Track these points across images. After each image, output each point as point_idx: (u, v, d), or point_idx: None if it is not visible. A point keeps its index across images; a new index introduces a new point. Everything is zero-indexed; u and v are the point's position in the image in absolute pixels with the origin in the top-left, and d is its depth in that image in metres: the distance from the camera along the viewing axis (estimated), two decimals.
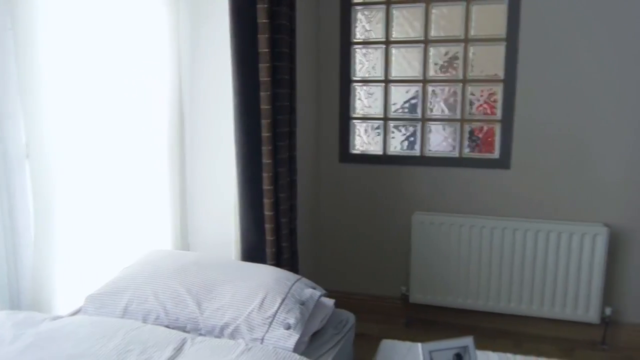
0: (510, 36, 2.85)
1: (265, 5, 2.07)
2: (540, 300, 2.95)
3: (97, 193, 1.91)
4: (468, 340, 1.61)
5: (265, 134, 2.15)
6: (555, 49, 2.81)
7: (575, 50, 2.78)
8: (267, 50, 2.10)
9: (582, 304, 2.89)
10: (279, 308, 1.72)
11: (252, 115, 2.15)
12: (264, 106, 2.13)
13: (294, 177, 2.43)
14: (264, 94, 2.12)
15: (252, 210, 2.20)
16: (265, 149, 2.16)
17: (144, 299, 1.76)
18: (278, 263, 2.29)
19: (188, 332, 1.69)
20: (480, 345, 2.22)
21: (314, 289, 1.97)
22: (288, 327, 1.69)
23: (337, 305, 2.09)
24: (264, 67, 2.11)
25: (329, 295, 2.07)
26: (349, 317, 2.08)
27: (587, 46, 2.76)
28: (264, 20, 2.08)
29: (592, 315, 2.88)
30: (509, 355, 2.01)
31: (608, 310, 2.88)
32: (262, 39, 2.10)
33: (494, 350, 2.06)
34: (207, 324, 1.71)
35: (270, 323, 1.69)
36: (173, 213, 2.33)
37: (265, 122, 2.14)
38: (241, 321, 1.69)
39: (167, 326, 1.70)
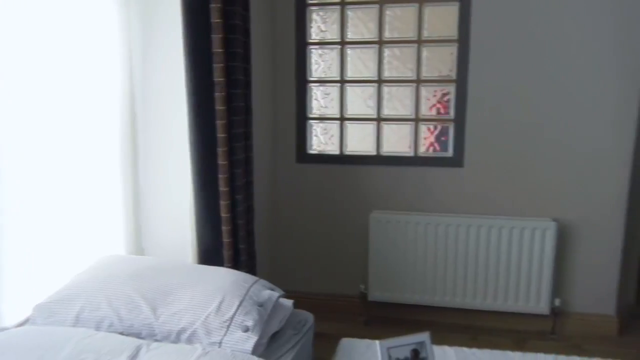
0: (462, 37, 2.92)
1: (219, 5, 2.04)
2: (494, 294, 3.03)
3: (45, 196, 1.84)
4: (424, 336, 1.64)
5: (220, 135, 2.12)
6: (505, 50, 2.89)
7: (524, 51, 2.87)
8: (221, 50, 2.08)
9: (533, 296, 2.99)
10: (236, 311, 1.71)
11: (206, 116, 2.12)
12: (219, 107, 2.11)
13: (251, 178, 2.42)
14: (218, 95, 2.10)
15: (208, 212, 2.17)
16: (221, 150, 2.13)
17: (97, 306, 1.71)
18: (236, 265, 2.27)
19: (143, 338, 1.65)
20: (437, 340, 2.26)
21: (272, 290, 1.96)
22: (246, 330, 1.68)
23: (296, 305, 2.09)
24: (218, 67, 2.08)
25: (287, 296, 2.07)
26: (308, 317, 2.08)
27: (536, 47, 2.86)
28: (218, 20, 2.05)
29: (542, 306, 2.99)
30: (465, 349, 2.05)
31: (557, 302, 2.99)
32: (216, 39, 2.07)
33: (451, 344, 2.11)
34: (163, 329, 1.68)
35: (228, 326, 1.68)
36: (126, 217, 2.27)
37: (220, 123, 2.11)
38: (198, 325, 1.67)
39: (121, 333, 1.65)
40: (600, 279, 3.01)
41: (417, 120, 3.08)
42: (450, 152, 3.06)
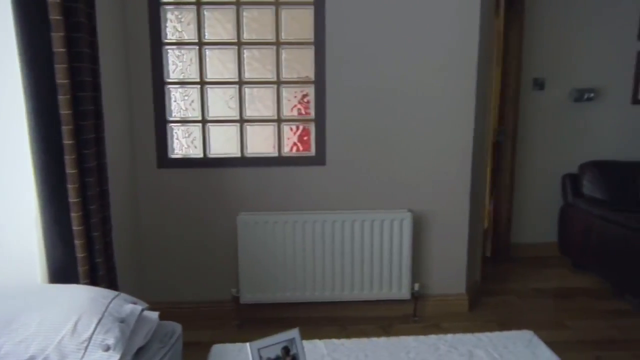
0: (318, 40, 3.02)
1: (58, 1, 1.87)
2: (361, 285, 3.18)
3: None
4: (294, 332, 1.66)
5: (67, 141, 1.95)
6: (359, 52, 3.04)
7: (376, 53, 3.04)
8: (63, 50, 1.91)
9: (396, 283, 3.20)
10: (95, 329, 1.59)
11: (50, 122, 1.93)
12: (64, 111, 1.93)
13: (106, 186, 2.26)
14: (62, 98, 1.92)
15: (58, 226, 1.99)
16: (69, 158, 1.96)
17: None
18: (93, 281, 2.11)
19: None
20: (309, 334, 2.31)
21: (135, 303, 1.86)
22: (107, 349, 1.57)
23: (164, 316, 2.01)
24: (61, 68, 1.91)
25: (154, 308, 1.99)
26: (176, 327, 2.00)
27: (387, 50, 3.04)
28: (57, 17, 1.88)
29: (404, 292, 3.21)
30: (334, 340, 2.13)
31: (417, 286, 3.23)
32: (57, 37, 1.90)
33: (322, 337, 2.17)
34: None
35: (86, 347, 1.55)
36: None
37: (66, 129, 1.94)
38: (51, 350, 1.53)
39: None
40: (451, 262, 3.31)
41: (279, 121, 3.12)
42: (312, 152, 3.14)
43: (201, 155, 3.12)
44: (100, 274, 2.15)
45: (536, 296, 3.64)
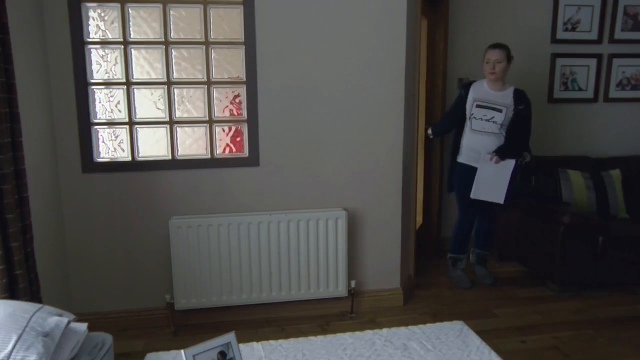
0: (248, 39, 2.99)
1: None
2: (298, 285, 3.19)
3: None
4: (230, 337, 1.64)
5: None
6: (290, 52, 3.04)
7: (308, 53, 3.05)
8: None
9: (332, 281, 3.23)
10: (14, 347, 1.49)
11: None
12: None
13: (25, 194, 2.13)
14: None
15: None
16: None
17: None
18: (13, 295, 1.98)
19: None
20: (246, 337, 2.30)
21: (61, 315, 1.77)
22: None
23: (94, 328, 1.93)
24: None
25: (83, 319, 1.90)
26: (106, 338, 1.92)
27: (318, 49, 3.06)
28: None
29: (340, 289, 3.24)
30: (272, 342, 2.12)
31: (353, 283, 3.28)
32: None
33: (260, 339, 2.16)
34: None
35: None
36: None
37: None
38: None
39: None
40: (386, 258, 3.38)
41: (210, 122, 3.06)
42: (245, 153, 3.11)
43: (129, 159, 3.01)
44: (21, 286, 2.03)
45: (466, 287, 3.80)
